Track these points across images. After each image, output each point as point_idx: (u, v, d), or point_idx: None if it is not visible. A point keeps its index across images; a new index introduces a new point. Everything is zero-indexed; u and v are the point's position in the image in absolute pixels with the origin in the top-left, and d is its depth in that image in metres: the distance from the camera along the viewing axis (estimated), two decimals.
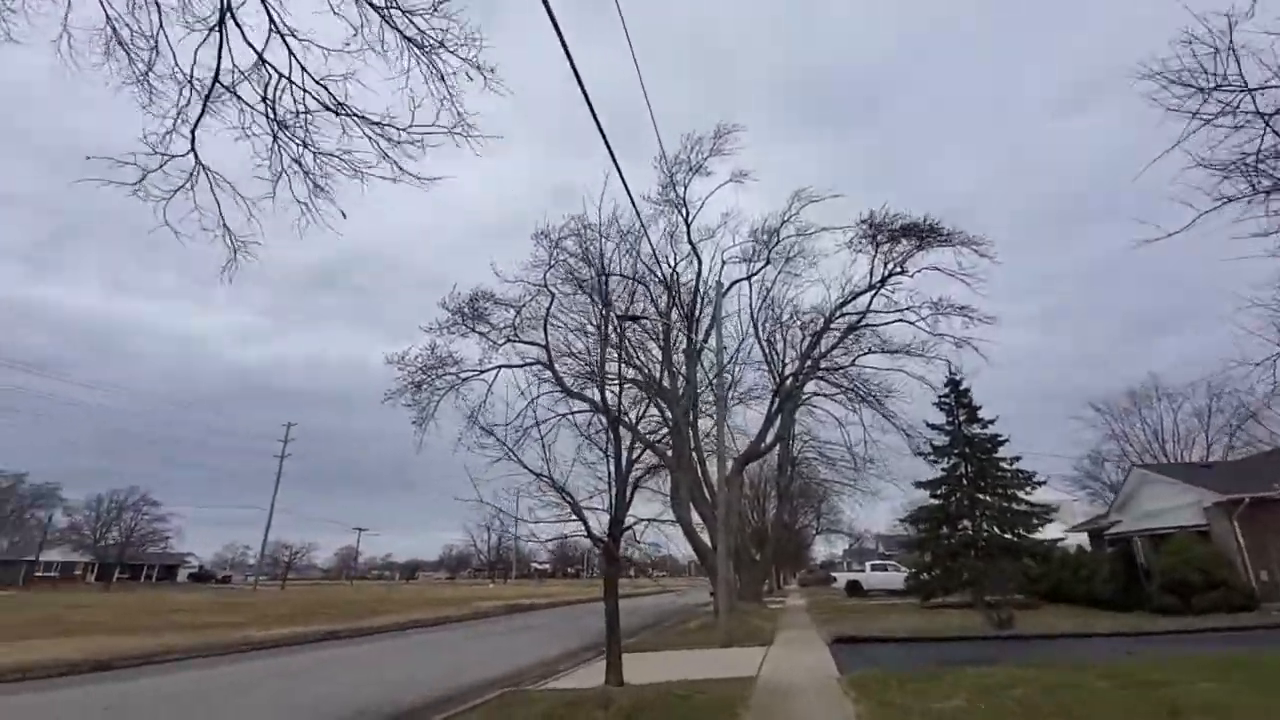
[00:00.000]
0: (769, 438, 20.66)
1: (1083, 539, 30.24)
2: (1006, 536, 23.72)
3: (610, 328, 16.05)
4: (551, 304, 17.42)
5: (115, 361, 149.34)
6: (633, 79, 7.24)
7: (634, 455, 8.33)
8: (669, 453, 20.35)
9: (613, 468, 7.61)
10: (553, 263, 18.14)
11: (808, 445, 28.62)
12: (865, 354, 20.11)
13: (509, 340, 17.07)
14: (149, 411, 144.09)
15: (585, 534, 7.27)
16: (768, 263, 21.93)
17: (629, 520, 7.78)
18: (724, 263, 22.67)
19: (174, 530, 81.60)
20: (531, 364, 17.96)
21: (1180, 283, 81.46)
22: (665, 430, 21.15)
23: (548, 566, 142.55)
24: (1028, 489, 24.92)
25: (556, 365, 18.39)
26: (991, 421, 25.45)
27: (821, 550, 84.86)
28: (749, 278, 22.20)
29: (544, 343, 17.08)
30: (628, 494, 7.77)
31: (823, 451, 27.68)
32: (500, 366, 18.01)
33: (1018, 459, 25.04)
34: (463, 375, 17.43)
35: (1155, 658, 9.47)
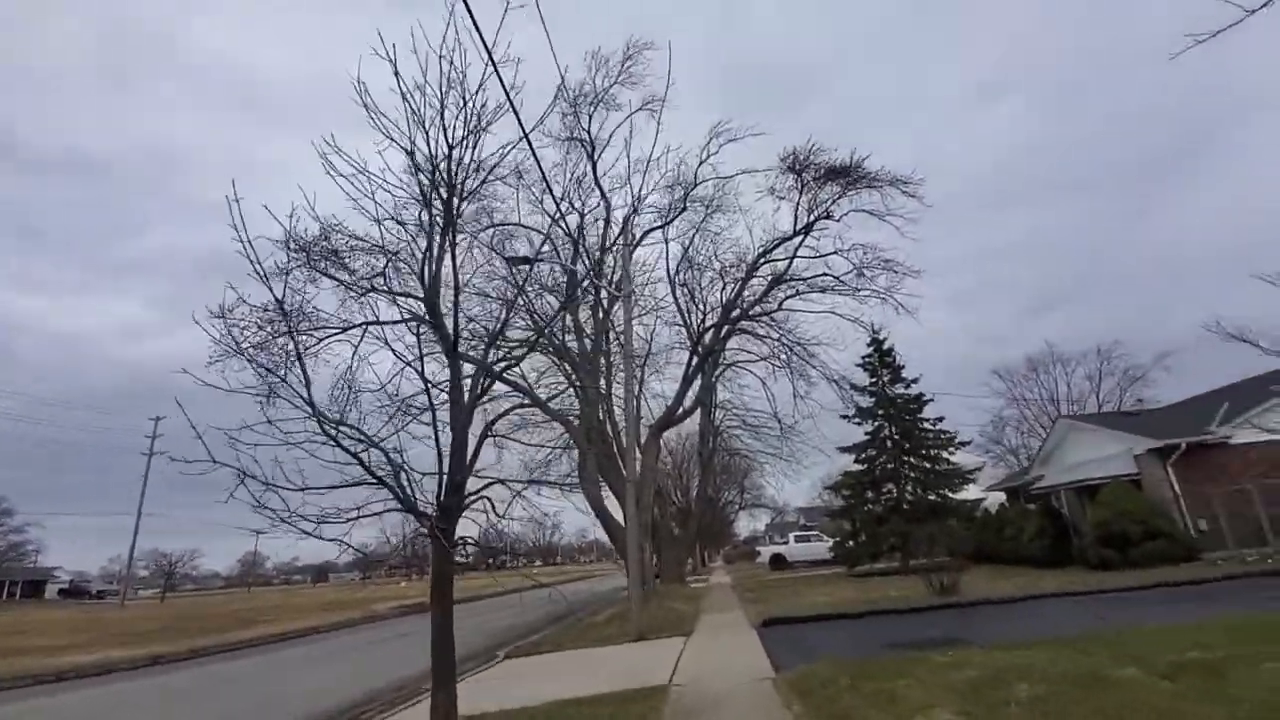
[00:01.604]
0: (687, 401, 18.56)
1: (1000, 499, 30.46)
2: (931, 498, 22.91)
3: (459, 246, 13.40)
4: (432, 246, 14.33)
5: None
6: None
7: (480, 390, 5.76)
8: (574, 420, 17.87)
9: (438, 415, 5.04)
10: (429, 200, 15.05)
11: (730, 414, 26.91)
12: (793, 295, 18.21)
13: (374, 290, 13.83)
14: (22, 414, 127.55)
15: (399, 505, 4.68)
16: (684, 208, 19.71)
17: (476, 484, 5.24)
18: (636, 210, 20.29)
19: (35, 542, 72.04)
20: (409, 320, 14.87)
21: (1068, 263, 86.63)
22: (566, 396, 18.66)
23: (470, 559, 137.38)
24: (951, 449, 24.24)
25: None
26: (915, 381, 24.55)
27: (745, 526, 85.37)
28: (664, 224, 19.92)
29: (421, 294, 13.98)
30: (471, 447, 5.22)
31: (746, 420, 26.00)
32: (367, 324, 14.78)
33: (941, 419, 24.27)
34: (317, 334, 14.06)
35: (1142, 625, 7.95)
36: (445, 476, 5.00)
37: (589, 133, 17.74)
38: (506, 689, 8.34)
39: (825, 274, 19.42)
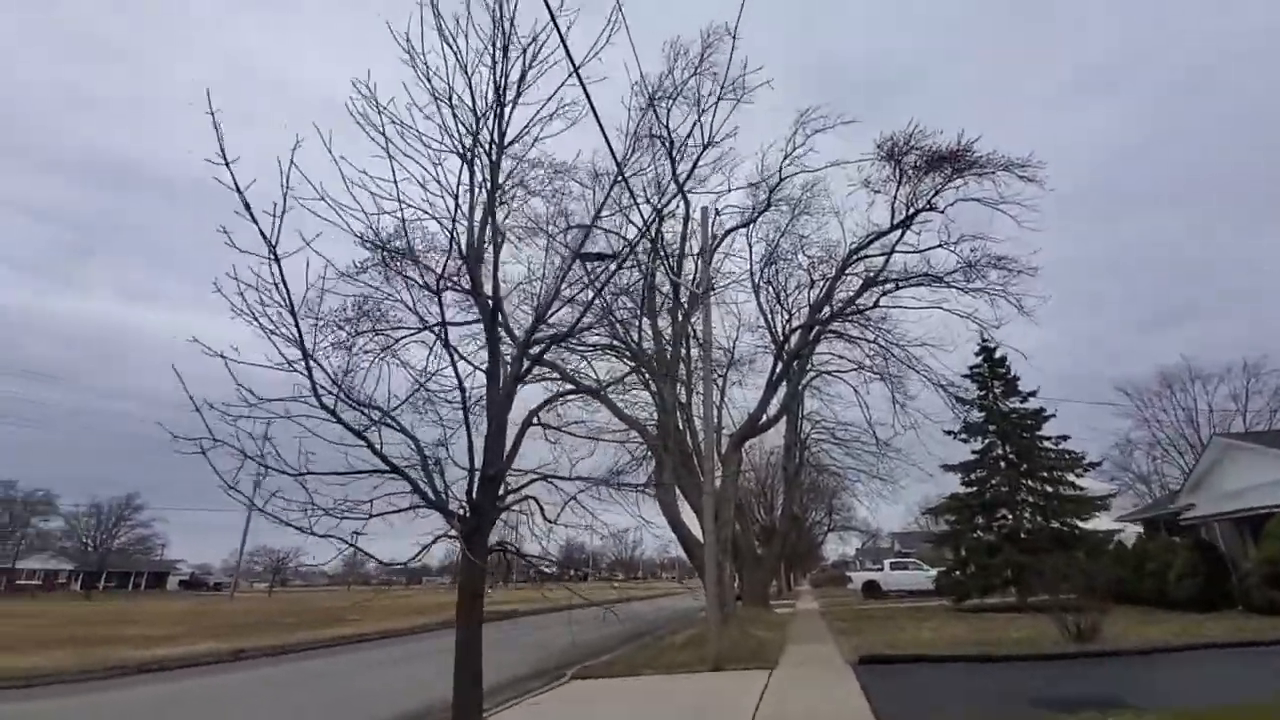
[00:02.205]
0: (771, 409, 17.18)
1: (1134, 530, 26.74)
2: (1054, 526, 20.21)
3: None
4: (501, 243, 13.96)
5: (127, 370, 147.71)
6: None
7: (523, 370, 4.92)
8: (652, 429, 16.93)
9: (467, 395, 4.24)
10: (505, 199, 14.72)
11: (819, 427, 25.12)
12: (892, 290, 16.40)
13: (448, 288, 13.56)
14: (151, 414, 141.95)
15: (422, 500, 3.91)
16: (769, 205, 18.47)
17: (517, 479, 4.41)
18: (718, 213, 19.28)
19: (161, 536, 79.11)
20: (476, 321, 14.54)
21: (1192, 273, 77.12)
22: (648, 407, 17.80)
23: (554, 570, 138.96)
24: (1077, 472, 21.39)
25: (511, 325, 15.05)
26: (1032, 394, 21.94)
27: (834, 549, 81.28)
28: (748, 223, 18.75)
29: (492, 294, 13.58)
30: (510, 437, 4.39)
31: (835, 433, 24.16)
32: (440, 324, 14.57)
33: (1065, 438, 21.52)
34: (396, 335, 13.93)
35: None
36: (478, 470, 4.18)
37: (667, 128, 16.95)
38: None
39: (927, 273, 17.57)
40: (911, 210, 17.07)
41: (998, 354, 22.31)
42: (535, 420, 5.01)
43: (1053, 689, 7.70)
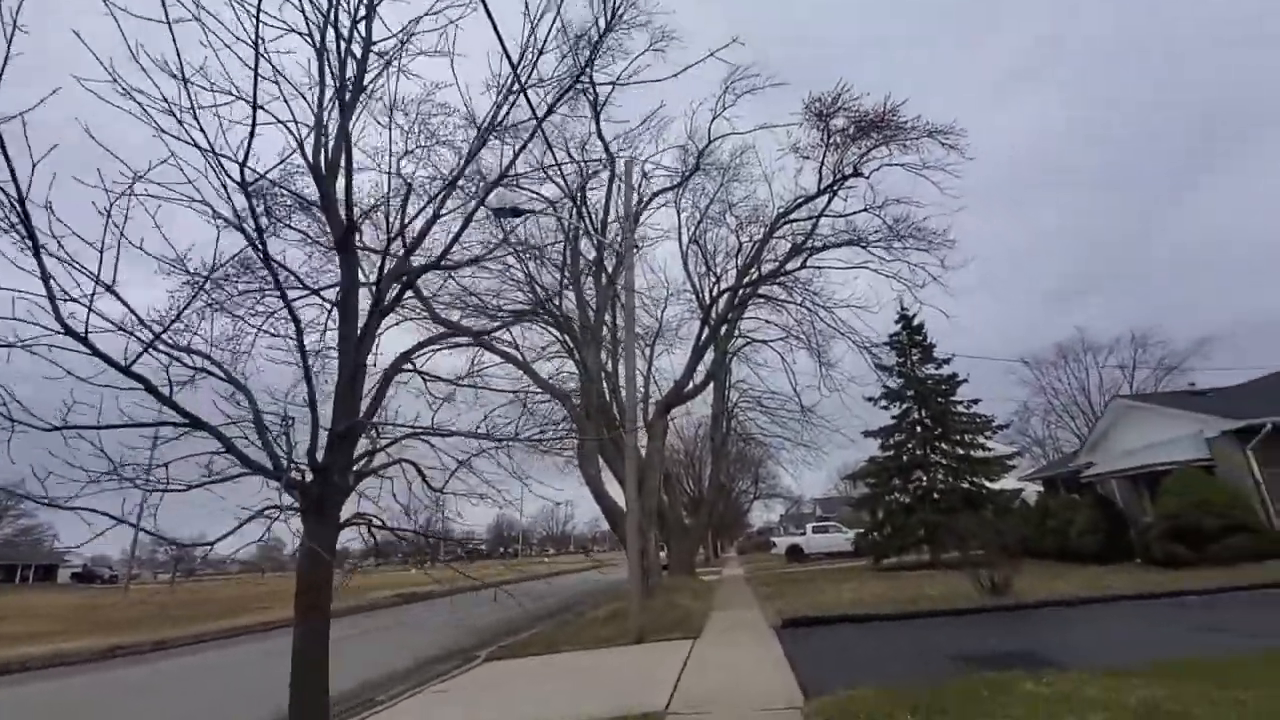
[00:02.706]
0: (698, 376, 16.81)
1: (1032, 489, 28.46)
2: (965, 486, 21.05)
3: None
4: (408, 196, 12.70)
5: None
6: None
7: (387, 300, 4.06)
8: (574, 399, 16.20)
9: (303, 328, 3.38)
10: (412, 148, 13.40)
11: (745, 395, 25.15)
12: (822, 249, 16.21)
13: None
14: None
15: (239, 461, 3.05)
16: (697, 168, 17.89)
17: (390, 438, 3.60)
18: (645, 175, 18.54)
19: (50, 526, 72.19)
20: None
21: (1096, 253, 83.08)
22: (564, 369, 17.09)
23: (484, 547, 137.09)
24: (987, 434, 22.31)
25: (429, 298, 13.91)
26: (947, 360, 22.64)
27: (759, 517, 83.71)
28: (676, 186, 18.12)
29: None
30: (366, 385, 3.58)
31: (762, 401, 24.26)
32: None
33: (976, 402, 22.35)
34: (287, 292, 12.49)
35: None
36: (325, 427, 3.35)
37: (591, 79, 15.95)
38: (474, 708, 6.77)
39: (851, 241, 17.52)
40: (838, 176, 16.91)
41: (915, 321, 22.85)
42: (408, 366, 4.18)
43: (973, 644, 7.66)
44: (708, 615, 12.43)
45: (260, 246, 3.31)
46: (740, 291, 15.97)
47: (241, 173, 3.15)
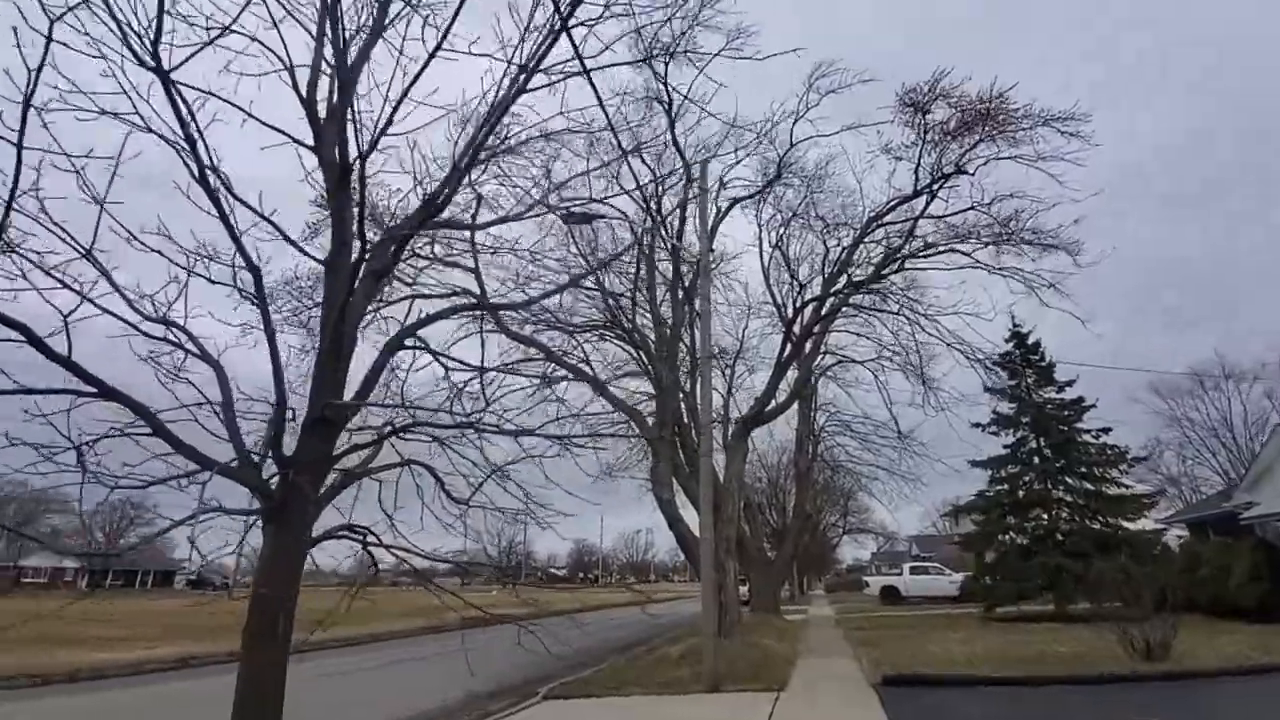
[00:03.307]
0: (781, 394, 15.46)
1: (1172, 533, 24.68)
2: (1095, 528, 18.33)
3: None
4: (478, 208, 12.45)
5: None
6: None
7: (386, 262, 3.32)
8: (648, 418, 15.31)
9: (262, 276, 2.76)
10: (485, 158, 13.19)
11: (833, 419, 23.40)
12: (921, 253, 14.50)
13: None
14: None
15: (175, 449, 2.36)
16: (779, 175, 16.79)
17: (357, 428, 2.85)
18: (723, 184, 17.68)
19: (170, 534, 78.58)
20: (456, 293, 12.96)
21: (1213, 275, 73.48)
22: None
23: (564, 571, 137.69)
24: (1121, 468, 19.48)
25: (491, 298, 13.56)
26: (1070, 383, 20.05)
27: (849, 553, 79.17)
28: (755, 195, 17.09)
29: (473, 266, 11.99)
30: (345, 361, 2.84)
31: (851, 426, 22.43)
32: (414, 296, 13.01)
33: (1106, 431, 19.60)
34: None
35: None
36: (309, 407, 2.61)
37: (666, 85, 15.33)
38: None
39: (957, 238, 15.72)
40: (938, 175, 15.32)
41: (1030, 339, 20.46)
42: (411, 342, 3.43)
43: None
44: (793, 662, 11.01)
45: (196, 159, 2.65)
46: (828, 302, 14.62)
47: (155, 53, 2.52)
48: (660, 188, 17.30)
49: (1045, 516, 19.02)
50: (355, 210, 2.92)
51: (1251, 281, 69.98)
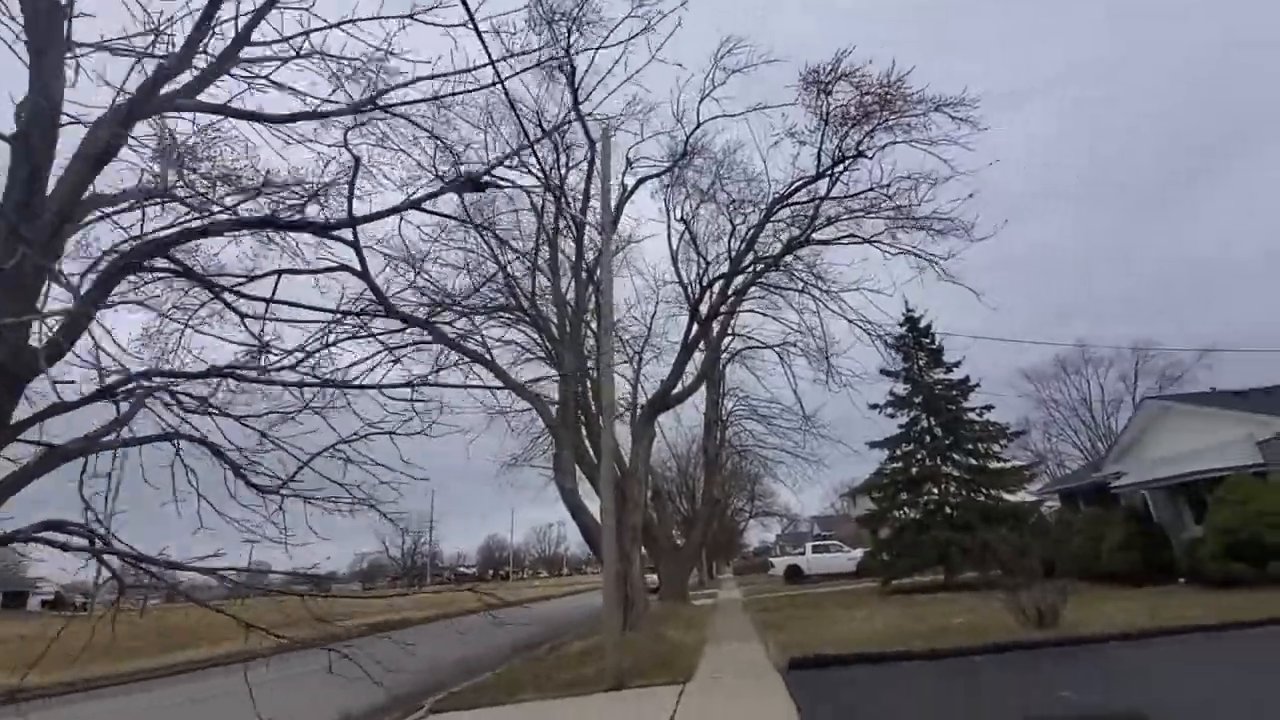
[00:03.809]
0: (688, 377, 15.12)
1: (1047, 503, 26.78)
2: (980, 500, 19.36)
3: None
4: (356, 175, 11.08)
5: None
6: None
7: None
8: (551, 407, 14.48)
9: None
10: (361, 121, 11.78)
11: (741, 403, 23.51)
12: (824, 240, 14.46)
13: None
14: None
15: None
16: (685, 153, 16.39)
17: None
18: (630, 163, 17.08)
19: (21, 551, 69.27)
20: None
21: (1091, 268, 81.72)
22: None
23: (475, 570, 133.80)
24: (1001, 443, 20.70)
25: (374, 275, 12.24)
26: (957, 364, 21.06)
27: (755, 536, 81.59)
28: (662, 173, 16.61)
29: (352, 238, 10.61)
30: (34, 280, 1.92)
31: (758, 410, 22.61)
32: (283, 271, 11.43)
33: (989, 408, 20.74)
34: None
35: None
36: None
37: (568, 50, 14.46)
38: None
39: (852, 236, 15.97)
40: (838, 158, 15.42)
41: (922, 323, 21.31)
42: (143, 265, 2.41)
43: (1040, 695, 5.95)
44: (700, 651, 10.61)
45: None
46: (735, 280, 14.35)
47: None
48: (564, 163, 16.47)
49: (935, 491, 19.89)
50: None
51: (1111, 275, 77.95)
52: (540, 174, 16.04)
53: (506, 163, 15.09)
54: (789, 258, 14.29)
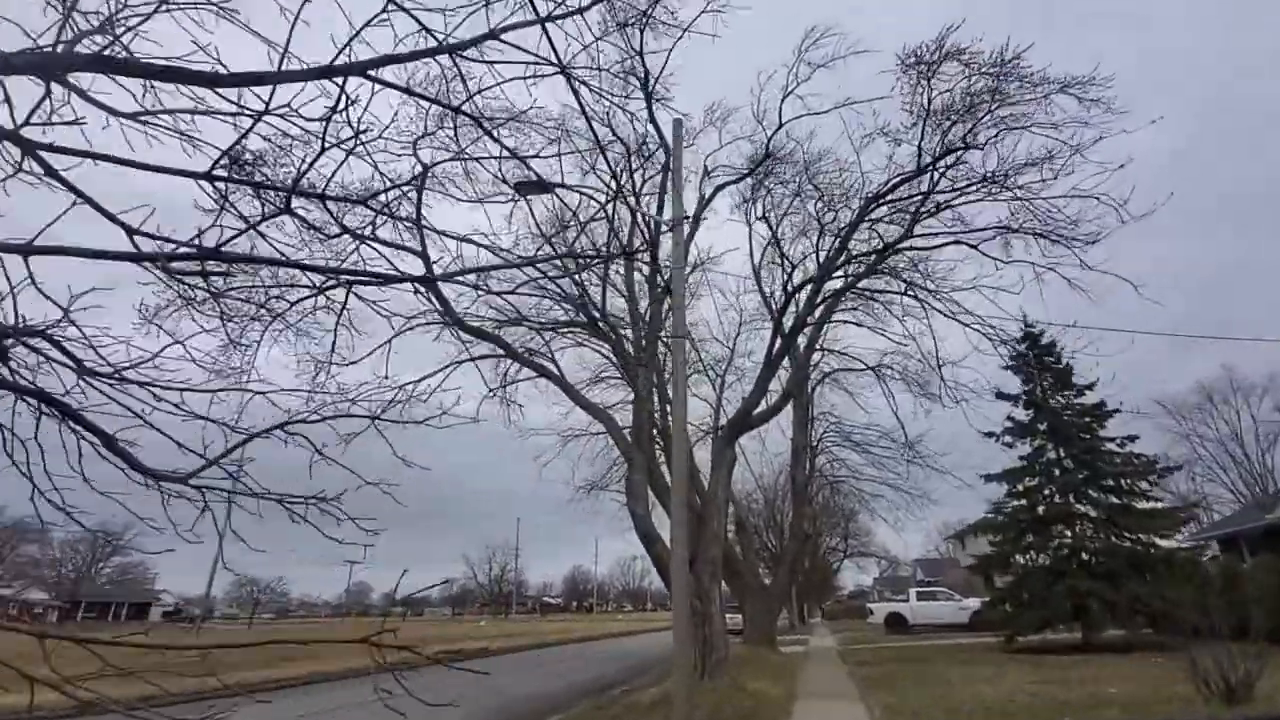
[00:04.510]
0: (771, 396, 13.68)
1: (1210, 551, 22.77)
2: (1127, 545, 16.41)
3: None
4: (423, 182, 10.79)
5: None
6: None
7: None
8: (625, 431, 13.48)
9: None
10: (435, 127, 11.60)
11: (833, 429, 21.62)
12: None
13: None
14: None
15: None
16: (767, 155, 15.27)
17: None
18: (708, 172, 16.21)
19: (149, 565, 75.93)
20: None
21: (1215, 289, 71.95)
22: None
23: (559, 600, 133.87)
24: (1151, 479, 17.66)
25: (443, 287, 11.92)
26: (1090, 386, 18.24)
27: (850, 579, 76.49)
28: (741, 179, 15.56)
29: (420, 249, 10.28)
30: None
31: (852, 436, 20.67)
32: (354, 281, 11.32)
33: (1133, 438, 17.79)
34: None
35: None
36: None
37: (641, 55, 13.84)
38: None
39: (958, 239, 14.17)
40: (942, 151, 13.79)
41: (1044, 340, 18.73)
42: None
43: None
44: (788, 710, 9.07)
45: None
46: (824, 285, 12.94)
47: None
48: (638, 172, 15.79)
49: (1069, 534, 17.11)
50: None
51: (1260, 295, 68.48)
52: (612, 182, 15.43)
53: (579, 167, 14.63)
54: (892, 258, 12.73)
